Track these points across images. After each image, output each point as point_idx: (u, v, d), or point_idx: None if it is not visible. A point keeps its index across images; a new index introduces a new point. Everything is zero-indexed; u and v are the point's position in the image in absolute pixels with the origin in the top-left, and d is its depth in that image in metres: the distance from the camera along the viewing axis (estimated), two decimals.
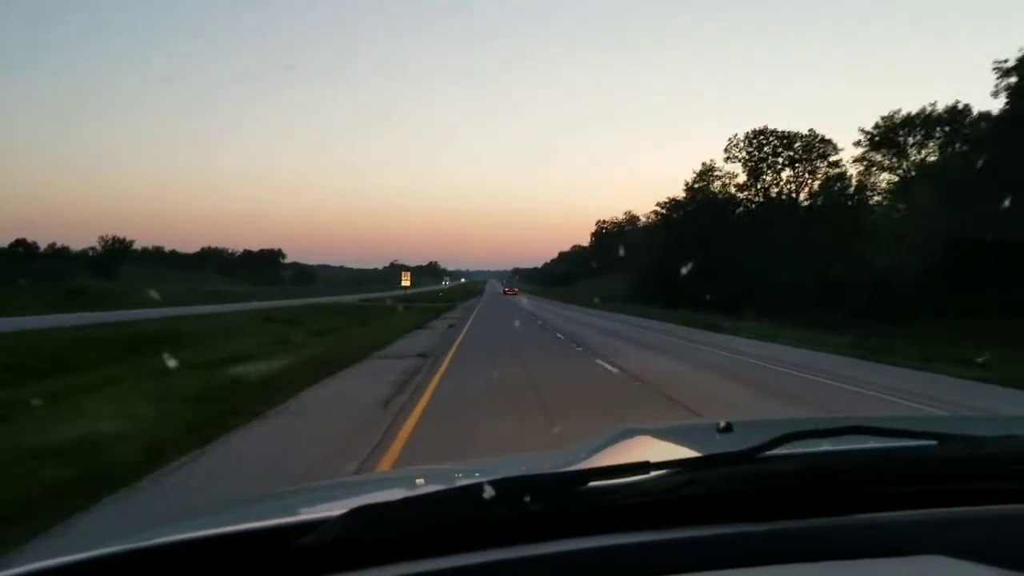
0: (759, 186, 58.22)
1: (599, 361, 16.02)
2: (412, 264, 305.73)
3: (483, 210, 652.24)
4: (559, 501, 1.12)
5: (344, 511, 1.04)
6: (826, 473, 1.21)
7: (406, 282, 61.09)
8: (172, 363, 12.82)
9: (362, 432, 7.93)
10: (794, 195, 56.78)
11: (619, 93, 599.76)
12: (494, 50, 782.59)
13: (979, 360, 14.54)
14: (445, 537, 1.06)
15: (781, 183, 57.60)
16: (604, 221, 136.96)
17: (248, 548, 1.06)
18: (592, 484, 1.13)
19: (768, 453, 1.19)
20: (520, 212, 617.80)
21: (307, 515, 1.22)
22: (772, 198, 57.35)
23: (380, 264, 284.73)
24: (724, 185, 61.34)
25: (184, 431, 7.66)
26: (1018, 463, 1.26)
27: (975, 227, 32.59)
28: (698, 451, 1.47)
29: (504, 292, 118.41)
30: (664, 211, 67.06)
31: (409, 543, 1.04)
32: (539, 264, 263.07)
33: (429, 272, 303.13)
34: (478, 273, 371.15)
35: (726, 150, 59.63)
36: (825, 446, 1.35)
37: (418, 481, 1.75)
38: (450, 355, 17.36)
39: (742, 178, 59.56)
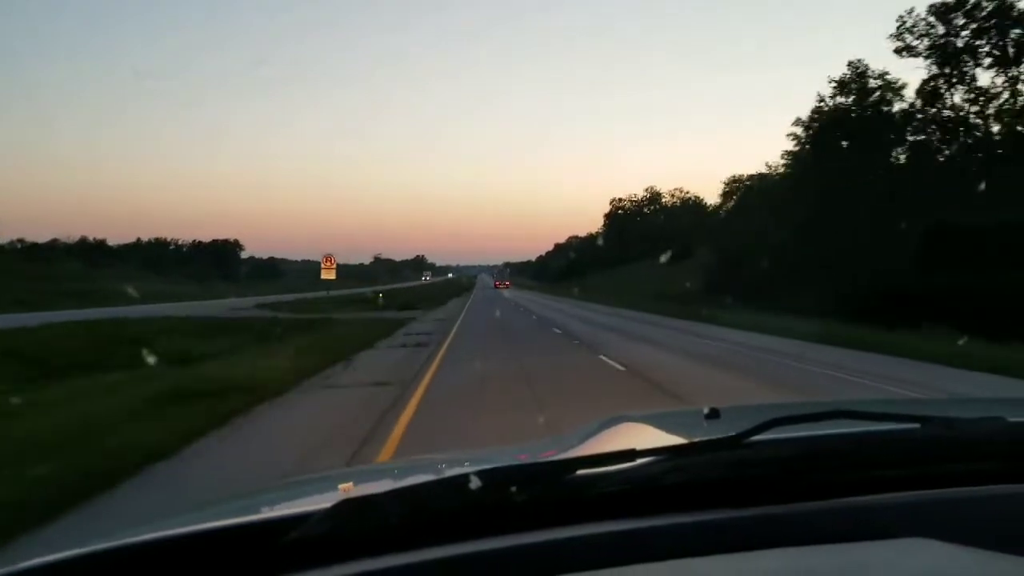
0: (946, 101, 33.35)
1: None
2: (398, 259, 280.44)
3: (474, 206, 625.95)
4: (546, 490, 1.12)
5: (330, 505, 1.05)
6: (811, 457, 1.22)
7: (328, 273, 36.00)
8: None
9: None
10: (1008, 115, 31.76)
11: (613, 85, 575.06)
12: (483, 42, 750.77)
13: None
14: (432, 528, 1.05)
15: (982, 94, 32.69)
16: (621, 199, 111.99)
17: (234, 544, 1.05)
18: (579, 472, 1.13)
19: (753, 439, 1.19)
20: (512, 208, 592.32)
21: (293, 509, 1.19)
22: (963, 117, 32.39)
23: (366, 259, 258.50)
24: (882, 100, 35.96)
25: None
26: (998, 444, 1.28)
27: None
28: (685, 438, 1.44)
29: (495, 286, 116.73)
30: (804, 137, 39.27)
31: (396, 535, 1.04)
32: (532, 257, 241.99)
33: (414, 266, 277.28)
34: (469, 268, 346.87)
35: (897, 35, 33.51)
36: (810, 431, 1.31)
37: (405, 473, 1.71)
38: None
39: (914, 86, 34.13)
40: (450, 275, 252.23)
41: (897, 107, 35.59)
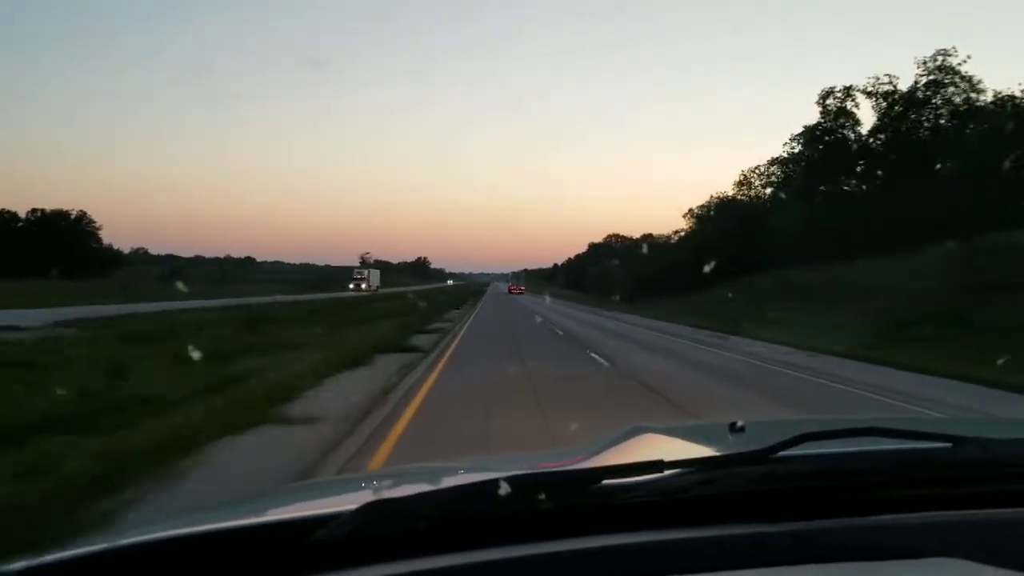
0: None
1: None
2: (395, 261, 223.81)
3: (489, 213, 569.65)
4: (573, 499, 1.11)
5: (357, 506, 1.04)
6: (841, 474, 1.21)
7: None
8: None
9: None
10: None
11: (638, 93, 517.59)
12: (502, 50, 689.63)
13: None
14: (458, 533, 1.05)
15: None
16: (849, 89, 46.46)
17: (262, 541, 1.06)
18: (606, 482, 1.12)
19: (783, 453, 1.17)
20: (528, 216, 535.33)
21: (320, 509, 1.17)
22: None
23: (353, 260, 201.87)
24: None
25: None
26: None
27: None
28: (711, 451, 1.43)
29: (510, 291, 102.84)
30: None
31: (422, 539, 1.04)
32: (550, 263, 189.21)
33: (414, 270, 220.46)
34: (481, 275, 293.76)
35: None
36: (840, 447, 1.28)
37: (432, 477, 1.63)
38: None
39: None
40: (449, 281, 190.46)
41: None
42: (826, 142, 46.72)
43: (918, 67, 42.69)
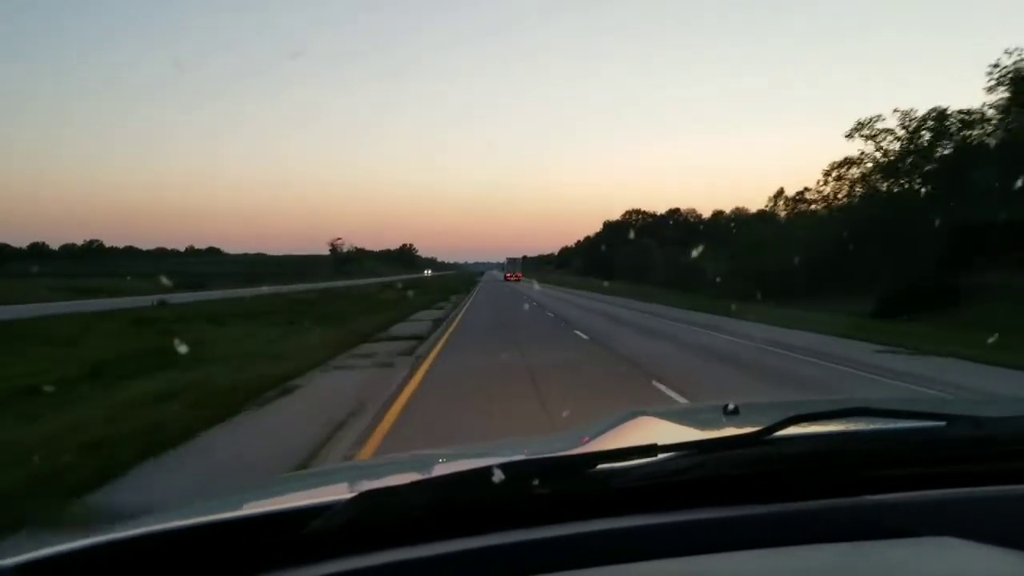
0: None
1: None
2: (377, 249, 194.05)
3: (485, 200, 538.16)
4: (568, 484, 1.12)
5: (352, 495, 1.06)
6: (834, 455, 1.21)
7: None
8: None
9: None
10: None
11: (636, 77, 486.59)
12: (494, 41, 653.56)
13: None
14: (453, 520, 1.05)
15: None
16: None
17: (256, 533, 1.06)
18: (601, 467, 1.13)
19: (776, 435, 1.18)
20: (526, 202, 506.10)
21: (315, 500, 1.17)
22: None
23: (322, 249, 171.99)
24: None
25: None
26: None
27: None
28: (705, 434, 1.42)
29: (506, 278, 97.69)
30: None
31: (417, 527, 1.04)
32: (554, 249, 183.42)
33: (399, 259, 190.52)
34: (476, 264, 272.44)
35: None
36: (833, 428, 1.32)
37: (426, 465, 1.64)
38: None
39: None
40: (427, 272, 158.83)
41: None
42: None
43: None
